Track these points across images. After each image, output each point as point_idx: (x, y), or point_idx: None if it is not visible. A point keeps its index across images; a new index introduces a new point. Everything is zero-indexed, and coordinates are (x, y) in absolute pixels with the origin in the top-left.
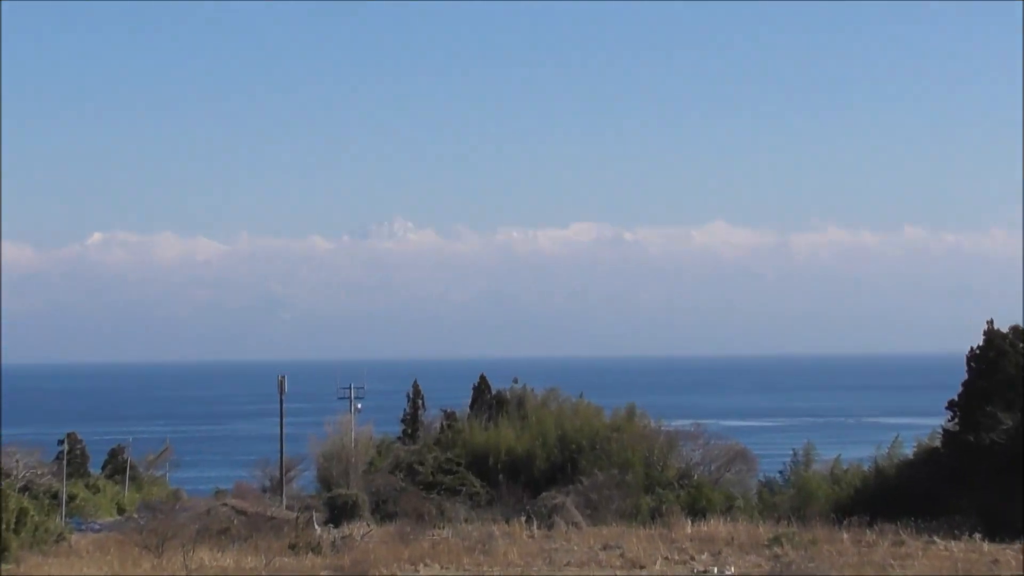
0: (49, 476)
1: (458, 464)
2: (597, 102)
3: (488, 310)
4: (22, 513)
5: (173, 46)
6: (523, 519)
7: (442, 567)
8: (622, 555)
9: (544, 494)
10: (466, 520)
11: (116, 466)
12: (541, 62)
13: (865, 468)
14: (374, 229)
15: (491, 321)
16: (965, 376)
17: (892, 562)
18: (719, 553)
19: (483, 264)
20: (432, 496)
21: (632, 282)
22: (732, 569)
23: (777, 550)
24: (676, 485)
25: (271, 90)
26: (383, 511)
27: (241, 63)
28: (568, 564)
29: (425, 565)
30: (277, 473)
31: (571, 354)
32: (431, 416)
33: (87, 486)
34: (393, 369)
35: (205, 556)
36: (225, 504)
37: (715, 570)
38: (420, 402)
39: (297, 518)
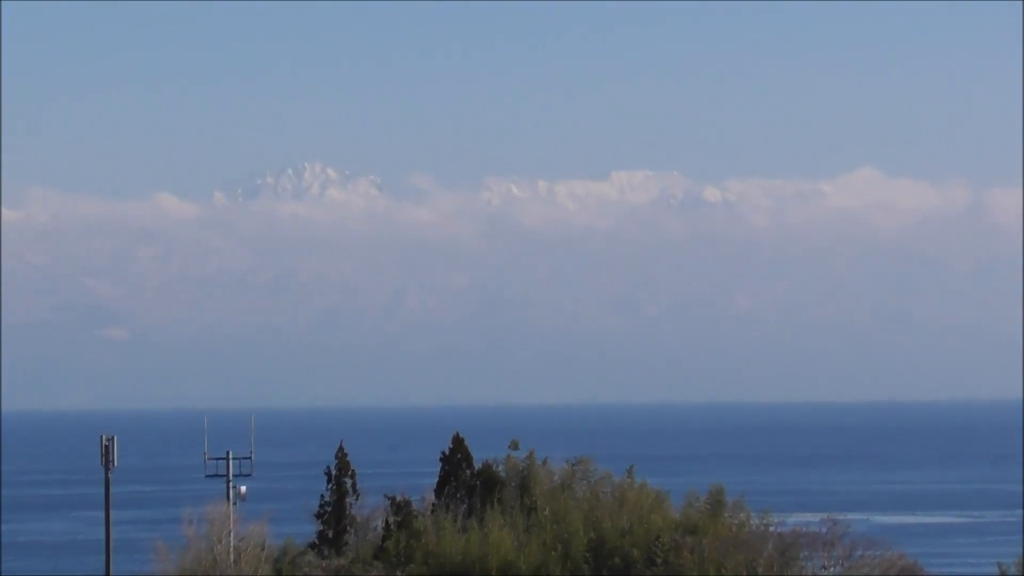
0: None
1: None
2: None
3: (466, 327)
4: None
5: None
6: None
7: None
8: None
9: None
10: None
11: None
12: None
13: None
14: (268, 183)
15: (472, 345)
16: None
17: None
18: None
19: (459, 243)
20: None
21: (721, 272)
22: None
23: None
24: None
25: None
26: None
27: None
28: None
29: None
30: None
31: (611, 401)
32: (369, 507)
33: None
34: (300, 424)
35: None
36: None
37: None
38: (350, 483)
39: None
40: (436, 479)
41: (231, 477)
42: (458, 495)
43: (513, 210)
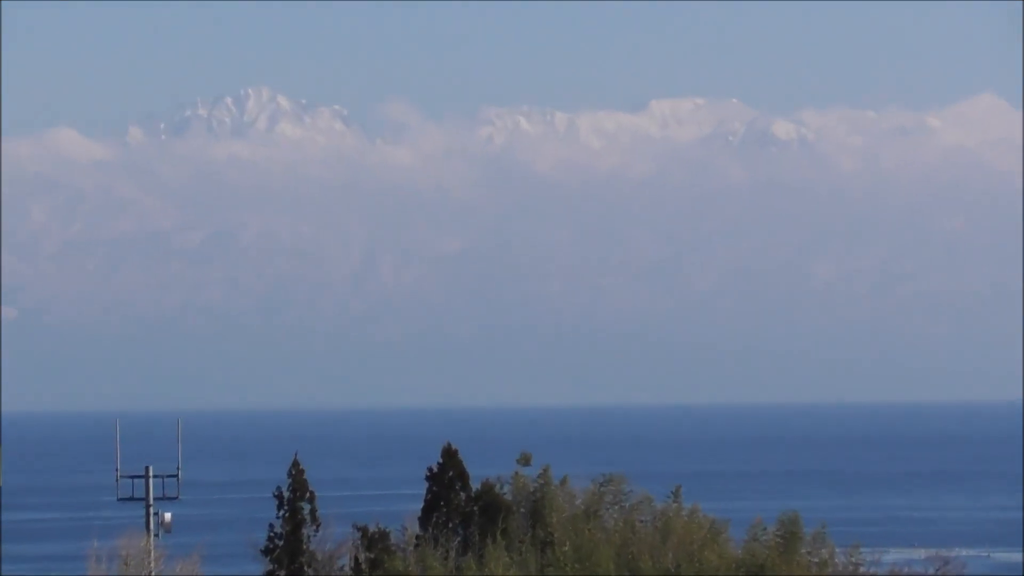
0: None
1: None
2: None
3: (458, 305)
4: None
5: None
6: None
7: None
8: None
9: None
10: None
11: None
12: None
13: None
14: (200, 115)
15: (466, 329)
16: None
17: None
18: None
19: (449, 194)
20: None
21: (795, 232)
22: None
23: None
24: None
25: None
26: None
27: None
28: None
29: None
30: None
31: (649, 402)
32: (333, 541)
33: None
34: (242, 431)
35: None
36: None
37: None
38: (308, 510)
39: None
40: (421, 504)
41: (152, 501)
42: (450, 524)
43: (521, 150)
